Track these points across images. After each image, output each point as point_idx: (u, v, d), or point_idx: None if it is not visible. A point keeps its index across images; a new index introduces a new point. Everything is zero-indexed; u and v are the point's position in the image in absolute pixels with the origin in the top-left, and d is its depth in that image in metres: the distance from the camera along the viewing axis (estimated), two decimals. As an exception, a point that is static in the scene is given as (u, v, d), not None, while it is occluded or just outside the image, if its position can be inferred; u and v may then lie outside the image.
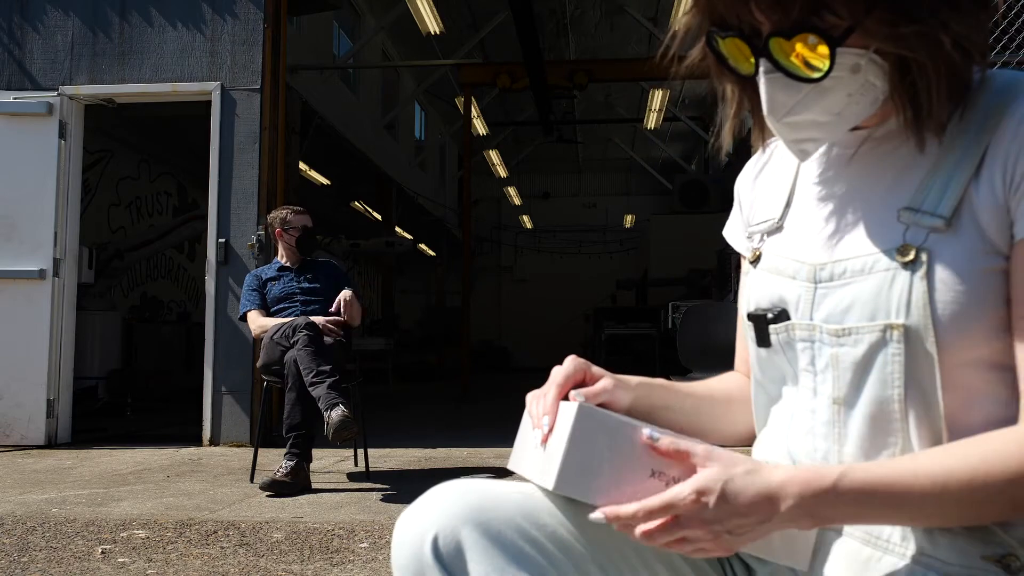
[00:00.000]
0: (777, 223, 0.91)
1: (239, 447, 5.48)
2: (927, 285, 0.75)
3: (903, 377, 0.76)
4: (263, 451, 4.44)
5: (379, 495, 3.81)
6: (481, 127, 16.19)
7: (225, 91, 5.79)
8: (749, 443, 0.98)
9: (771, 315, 0.87)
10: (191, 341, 9.89)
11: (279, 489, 3.79)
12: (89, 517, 3.30)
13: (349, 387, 4.10)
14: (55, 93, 5.86)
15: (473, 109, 12.86)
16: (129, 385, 8.35)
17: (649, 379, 0.98)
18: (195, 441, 5.64)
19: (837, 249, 0.83)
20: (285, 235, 4.49)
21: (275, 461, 4.21)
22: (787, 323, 0.85)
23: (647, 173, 21.18)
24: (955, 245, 0.75)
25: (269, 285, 4.45)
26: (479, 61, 12.49)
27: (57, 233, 5.77)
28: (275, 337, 4.03)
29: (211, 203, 5.76)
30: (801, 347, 0.84)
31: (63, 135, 5.83)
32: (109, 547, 2.86)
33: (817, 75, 0.75)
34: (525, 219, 22.96)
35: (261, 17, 5.83)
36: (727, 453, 0.76)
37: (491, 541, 0.78)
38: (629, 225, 22.35)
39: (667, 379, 1.01)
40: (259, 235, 5.65)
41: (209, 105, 5.81)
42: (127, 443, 5.74)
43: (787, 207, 0.91)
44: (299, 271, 4.48)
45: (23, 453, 5.33)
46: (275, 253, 4.71)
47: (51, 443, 5.65)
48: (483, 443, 5.56)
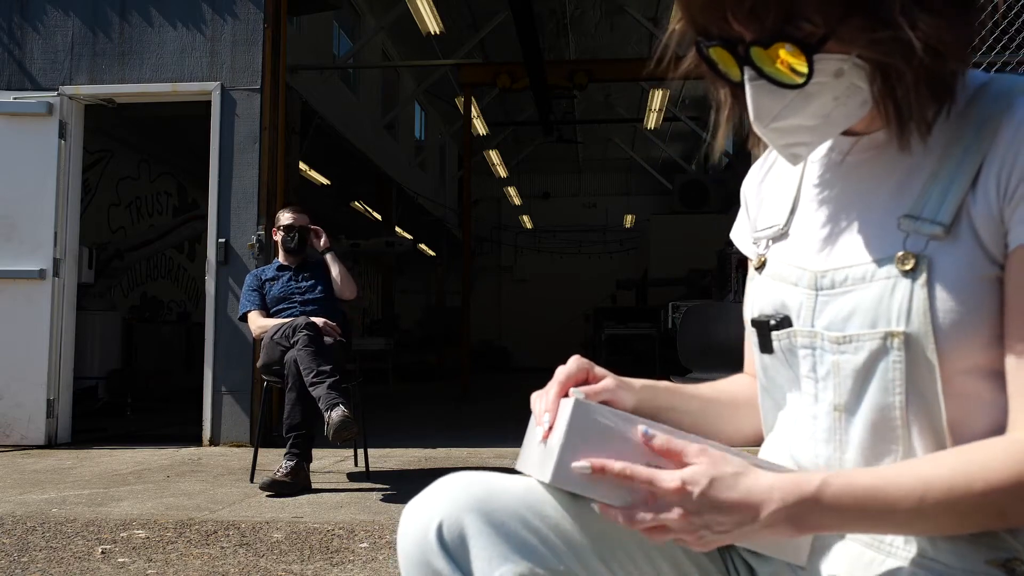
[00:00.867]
0: (782, 229, 0.92)
1: (239, 447, 5.48)
2: (927, 293, 0.75)
3: (904, 384, 0.77)
4: (263, 451, 4.44)
5: (379, 495, 3.81)
6: (481, 127, 16.19)
7: (225, 91, 5.79)
8: (756, 445, 0.99)
9: (773, 322, 0.87)
10: (191, 341, 9.89)
11: (279, 489, 3.79)
12: (89, 517, 3.30)
13: (349, 387, 4.10)
14: (55, 93, 5.86)
15: (473, 109, 12.86)
16: (129, 385, 8.34)
17: (654, 382, 0.98)
18: (195, 441, 5.64)
19: (838, 256, 0.83)
20: (277, 234, 4.51)
21: (275, 461, 4.21)
22: (789, 330, 0.86)
23: (647, 173, 21.18)
24: (955, 253, 0.75)
25: (268, 285, 4.45)
26: (479, 61, 12.49)
27: (57, 233, 5.77)
28: (275, 337, 4.03)
29: (211, 203, 5.76)
30: (803, 354, 0.85)
31: (63, 135, 5.83)
32: (109, 547, 2.86)
33: (799, 81, 0.75)
34: (525, 219, 22.96)
35: (261, 17, 5.83)
36: (720, 453, 0.76)
37: (494, 530, 0.79)
38: (629, 225, 22.35)
39: (670, 381, 1.01)
40: (259, 235, 5.66)
41: (209, 105, 5.81)
42: (127, 443, 5.74)
43: (792, 213, 0.92)
44: (297, 271, 4.48)
45: (23, 453, 5.33)
46: (275, 253, 4.72)
47: (51, 443, 5.65)
48: (483, 443, 5.56)
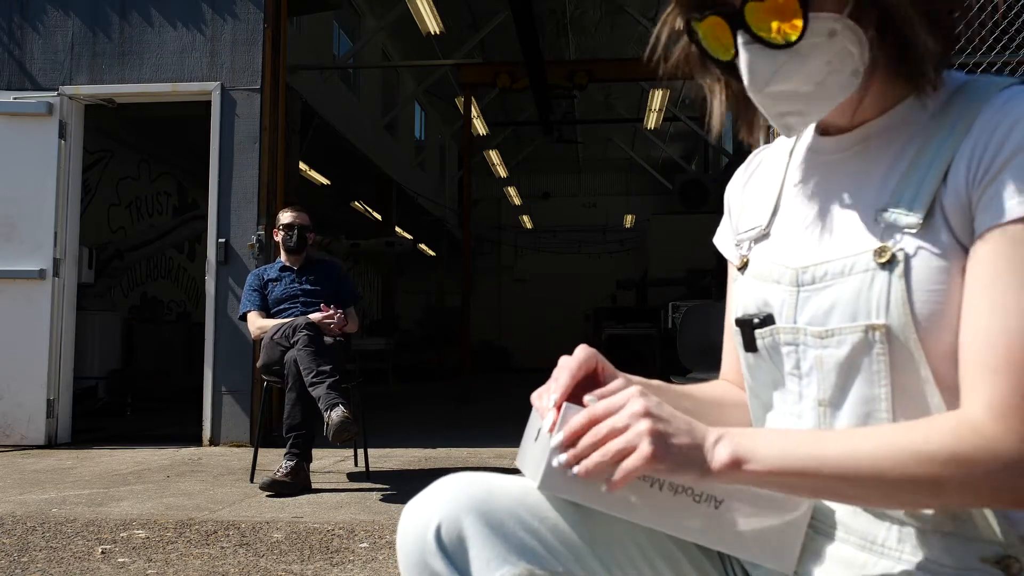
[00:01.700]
0: (764, 230, 0.93)
1: (239, 447, 5.48)
2: (905, 284, 0.75)
3: (889, 376, 0.77)
4: (263, 451, 4.44)
5: (379, 495, 3.81)
6: (481, 127, 16.19)
7: (225, 91, 5.79)
8: None
9: (757, 320, 0.88)
10: (191, 341, 9.88)
11: (279, 489, 3.79)
12: (89, 517, 3.30)
13: (349, 387, 4.10)
14: (55, 93, 5.86)
15: (473, 109, 12.87)
16: (129, 385, 8.35)
17: (647, 380, 0.98)
18: (195, 441, 5.64)
19: (818, 252, 0.84)
20: (278, 234, 4.52)
21: (275, 461, 4.21)
22: (772, 327, 0.86)
23: (647, 173, 21.19)
24: (930, 244, 0.76)
25: (271, 286, 4.44)
26: (479, 61, 12.50)
27: (57, 233, 5.77)
28: (275, 337, 4.03)
29: (211, 203, 5.76)
30: (786, 351, 0.85)
31: (63, 135, 5.83)
32: (109, 547, 2.86)
33: (793, 38, 0.77)
34: (525, 219, 22.96)
35: (261, 17, 5.83)
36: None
37: (492, 530, 0.79)
38: (629, 225, 22.35)
39: (671, 381, 1.02)
40: (259, 235, 5.66)
41: (209, 105, 5.81)
42: (127, 443, 5.74)
43: (774, 214, 0.93)
44: (300, 272, 4.48)
45: (23, 453, 5.33)
46: (276, 253, 4.72)
47: (51, 443, 5.65)
48: (483, 443, 5.56)
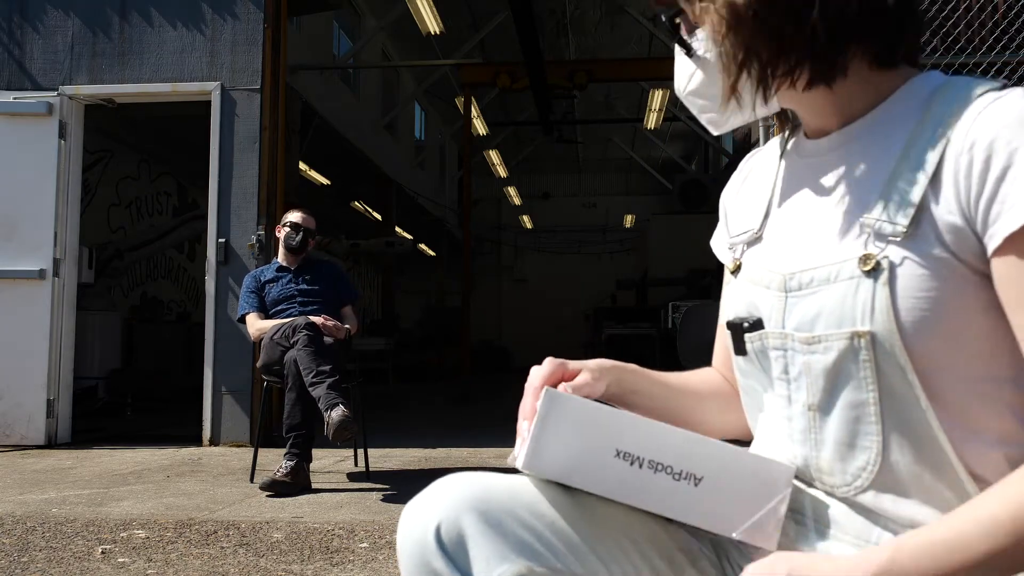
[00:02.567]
0: (756, 233, 0.94)
1: (239, 447, 5.48)
2: (889, 292, 0.76)
3: (876, 382, 0.77)
4: (263, 451, 4.44)
5: (379, 495, 3.81)
6: (481, 127, 16.19)
7: (225, 91, 5.79)
8: (722, 439, 0.99)
9: (747, 324, 0.89)
10: (191, 341, 9.88)
11: (279, 489, 3.79)
12: (89, 517, 3.30)
13: (349, 387, 4.10)
14: (55, 93, 5.86)
15: (473, 109, 12.87)
16: (129, 385, 8.35)
17: (623, 364, 1.00)
18: (195, 441, 5.64)
19: (805, 258, 0.84)
20: (281, 231, 4.53)
21: (275, 461, 4.21)
22: (761, 332, 0.87)
23: (647, 173, 21.20)
24: (915, 253, 0.76)
25: (268, 287, 4.44)
26: (479, 61, 12.50)
27: (57, 233, 5.77)
28: (275, 337, 4.03)
29: (211, 203, 5.76)
30: (775, 355, 0.86)
31: (63, 135, 5.83)
32: (109, 547, 2.86)
33: (685, 48, 0.87)
34: (525, 219, 22.96)
35: (261, 17, 5.83)
36: (787, 554, 0.78)
37: (492, 529, 0.80)
38: (629, 225, 22.35)
39: (641, 366, 1.03)
40: (259, 235, 5.66)
41: (209, 105, 5.81)
42: (127, 443, 5.74)
43: (766, 217, 0.94)
44: (297, 272, 4.48)
45: (23, 453, 5.33)
46: (275, 253, 4.72)
47: (51, 443, 5.65)
48: (483, 443, 5.56)
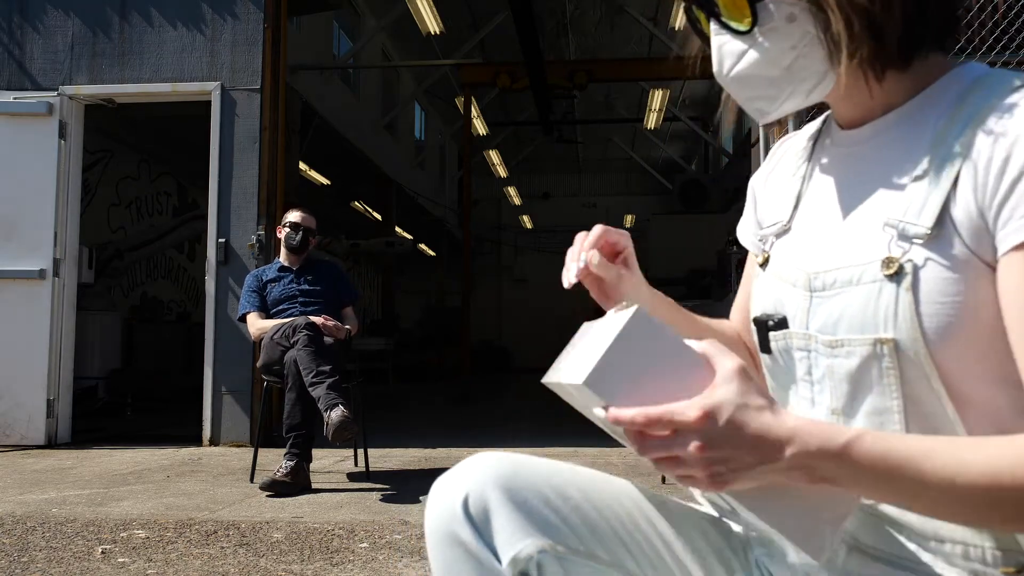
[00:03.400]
0: (785, 225, 0.91)
1: (239, 447, 5.48)
2: (912, 297, 0.73)
3: (900, 389, 0.75)
4: (263, 451, 4.44)
5: (379, 495, 3.81)
6: (481, 127, 16.20)
7: (225, 91, 5.79)
8: None
9: (772, 322, 0.87)
10: (191, 341, 9.89)
11: (279, 489, 3.79)
12: (89, 517, 3.30)
13: (349, 387, 4.10)
14: (55, 93, 5.86)
15: (473, 109, 12.87)
16: (129, 385, 8.35)
17: (663, 295, 1.03)
18: (195, 441, 5.64)
19: (830, 257, 0.82)
20: (282, 231, 4.53)
21: (275, 461, 4.21)
22: (785, 331, 0.86)
23: (647, 173, 21.19)
24: (939, 256, 0.74)
25: (269, 287, 4.45)
26: (479, 61, 12.49)
27: (57, 233, 5.77)
28: (275, 337, 4.03)
29: (211, 203, 5.76)
30: (799, 356, 0.85)
31: (63, 135, 5.83)
32: (109, 547, 2.86)
33: (744, 26, 0.79)
34: (525, 219, 22.96)
35: (261, 17, 5.83)
36: (749, 383, 0.72)
37: (517, 506, 0.82)
38: (629, 225, 22.33)
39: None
40: (259, 235, 5.66)
41: (209, 105, 5.81)
42: (127, 443, 5.74)
43: (795, 208, 0.91)
44: (299, 272, 4.48)
45: (23, 453, 5.33)
46: (275, 253, 4.72)
47: (51, 443, 5.65)
48: (483, 443, 5.56)
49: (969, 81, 0.79)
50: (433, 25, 11.65)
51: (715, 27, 0.83)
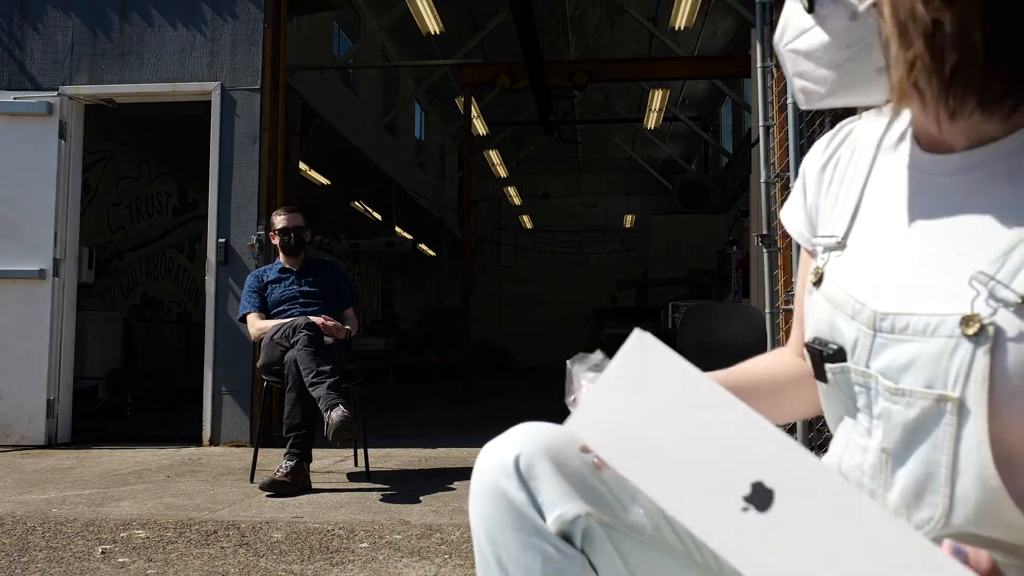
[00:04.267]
0: (840, 240, 0.85)
1: (239, 447, 5.48)
2: (989, 362, 0.69)
3: (953, 447, 0.72)
4: (263, 451, 4.44)
5: (379, 495, 3.81)
6: (481, 127, 16.19)
7: (225, 91, 5.79)
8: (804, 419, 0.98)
9: (827, 352, 0.82)
10: (191, 341, 9.89)
11: (279, 489, 3.79)
12: (89, 517, 3.30)
13: (349, 387, 4.10)
14: (55, 93, 5.86)
15: (473, 109, 12.86)
16: (129, 385, 8.35)
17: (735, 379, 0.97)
18: (195, 441, 5.64)
19: (902, 300, 0.76)
20: (275, 238, 4.52)
21: (275, 461, 4.21)
22: (843, 365, 0.81)
23: (647, 173, 21.20)
24: (1022, 323, 0.68)
25: (270, 288, 4.45)
26: (479, 61, 12.49)
27: (57, 233, 5.77)
28: (275, 337, 4.03)
29: (211, 203, 5.76)
30: (858, 390, 0.81)
31: (63, 135, 5.83)
32: (109, 547, 2.86)
33: (807, 3, 0.76)
34: (525, 219, 22.96)
35: (261, 17, 5.83)
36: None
37: (563, 473, 0.84)
38: (629, 225, 22.35)
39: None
40: (259, 235, 5.66)
41: (209, 105, 5.81)
42: (127, 443, 5.74)
43: (852, 220, 0.85)
44: (300, 273, 4.48)
45: (23, 453, 5.33)
46: (275, 254, 4.72)
47: (51, 443, 5.65)
48: (483, 443, 5.54)
49: None
50: (433, 25, 11.66)
51: None
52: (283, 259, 4.52)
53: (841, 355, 0.81)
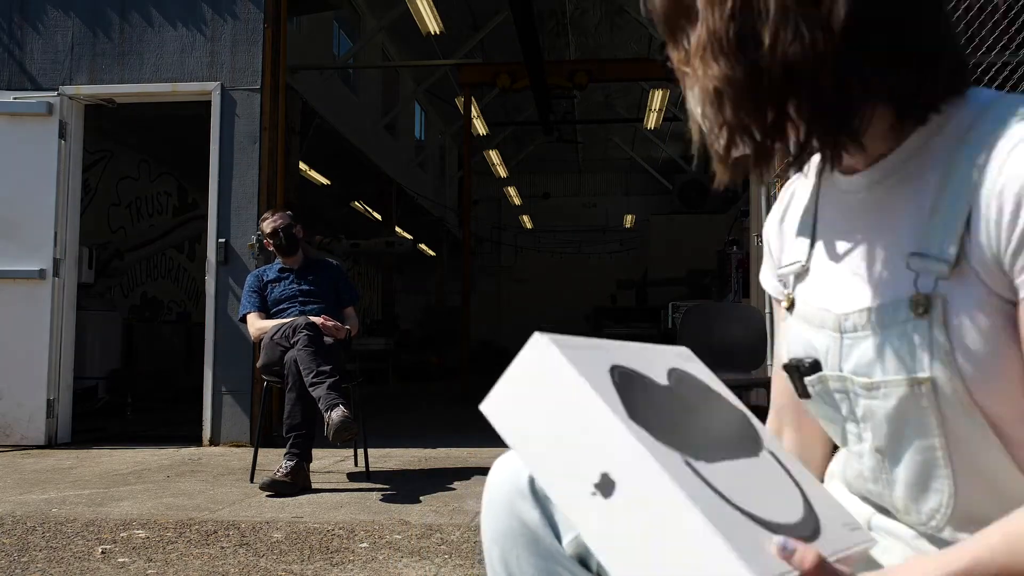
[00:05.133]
0: (804, 265, 0.89)
1: (239, 447, 5.48)
2: (945, 335, 0.72)
3: (941, 427, 0.74)
4: (263, 451, 4.44)
5: (379, 495, 3.81)
6: (481, 127, 16.19)
7: (225, 91, 5.79)
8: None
9: (804, 366, 0.86)
10: (191, 341, 9.90)
11: (279, 489, 3.79)
12: (89, 517, 3.30)
13: (349, 387, 4.10)
14: (55, 93, 5.86)
15: (473, 109, 12.86)
16: (129, 385, 8.35)
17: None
18: (195, 441, 5.64)
19: (856, 298, 0.81)
20: (269, 244, 4.53)
21: (275, 461, 4.21)
22: (820, 374, 0.84)
23: (647, 173, 21.20)
24: (964, 291, 0.72)
25: (270, 287, 4.45)
26: (479, 61, 12.49)
27: (57, 233, 5.77)
28: (275, 337, 4.03)
29: (211, 203, 5.76)
30: (838, 397, 0.83)
31: (63, 135, 5.83)
32: (109, 547, 2.86)
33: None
34: (525, 219, 22.96)
35: (261, 17, 5.83)
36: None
37: None
38: (629, 225, 22.35)
39: None
40: (259, 235, 5.65)
41: (209, 105, 5.81)
42: (127, 443, 5.74)
43: (811, 247, 0.89)
44: (300, 273, 4.48)
45: (23, 453, 5.33)
46: (275, 255, 4.72)
47: (51, 443, 5.65)
48: (483, 443, 5.56)
49: (975, 110, 0.76)
50: (433, 25, 11.65)
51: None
52: (281, 259, 4.52)
53: (817, 367, 0.84)
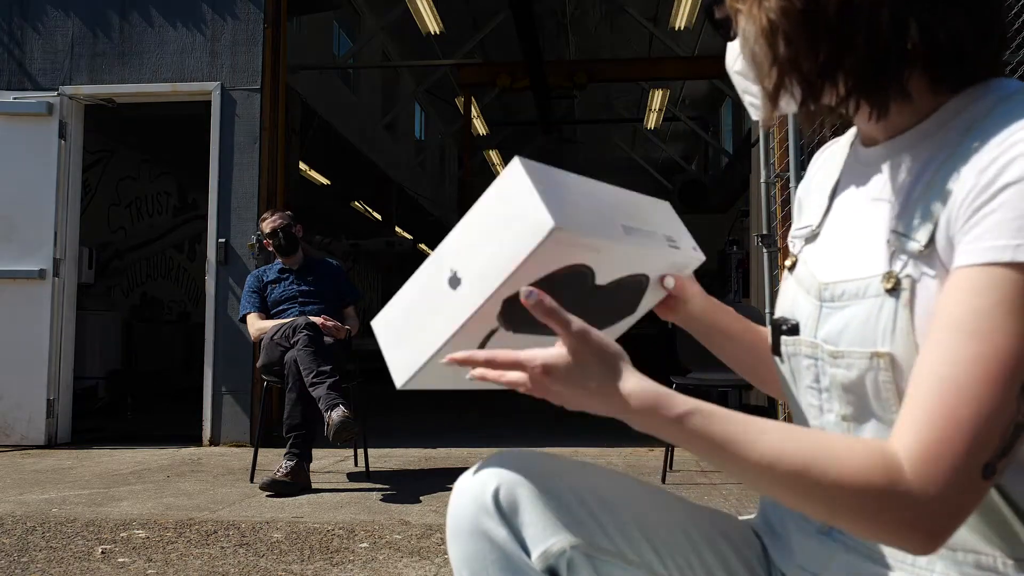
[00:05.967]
0: (815, 230, 0.91)
1: (239, 447, 5.48)
2: (910, 314, 0.73)
3: (898, 403, 0.74)
4: (263, 451, 4.44)
5: (379, 495, 3.81)
6: (481, 127, 16.20)
7: (225, 91, 5.79)
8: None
9: (785, 326, 0.87)
10: (191, 341, 9.89)
11: (279, 489, 3.79)
12: (89, 517, 3.30)
13: (349, 387, 4.10)
14: (55, 93, 5.86)
15: (473, 109, 12.88)
16: (129, 385, 8.35)
17: (719, 302, 1.07)
18: (195, 441, 5.64)
19: (839, 269, 0.82)
20: (268, 244, 4.53)
21: (275, 461, 4.21)
22: (796, 338, 0.86)
23: (647, 173, 21.18)
24: (933, 271, 0.73)
25: (270, 288, 4.45)
26: (479, 61, 12.50)
27: (57, 233, 5.77)
28: (275, 337, 4.03)
29: (211, 203, 5.76)
30: (806, 364, 0.85)
31: (63, 135, 5.83)
32: (109, 547, 2.86)
33: (722, 32, 0.86)
34: (525, 219, 22.93)
35: (261, 17, 5.83)
36: (597, 339, 0.76)
37: (548, 502, 0.81)
38: (629, 225, 22.31)
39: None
40: (259, 235, 5.65)
41: (209, 105, 5.81)
42: (127, 443, 5.74)
43: (826, 214, 0.91)
44: (300, 273, 4.48)
45: (23, 453, 5.33)
46: (275, 256, 4.72)
47: (51, 443, 5.65)
48: (483, 443, 5.56)
49: (993, 100, 0.75)
50: (433, 25, 11.66)
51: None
52: (281, 260, 4.52)
53: (797, 330, 0.86)
